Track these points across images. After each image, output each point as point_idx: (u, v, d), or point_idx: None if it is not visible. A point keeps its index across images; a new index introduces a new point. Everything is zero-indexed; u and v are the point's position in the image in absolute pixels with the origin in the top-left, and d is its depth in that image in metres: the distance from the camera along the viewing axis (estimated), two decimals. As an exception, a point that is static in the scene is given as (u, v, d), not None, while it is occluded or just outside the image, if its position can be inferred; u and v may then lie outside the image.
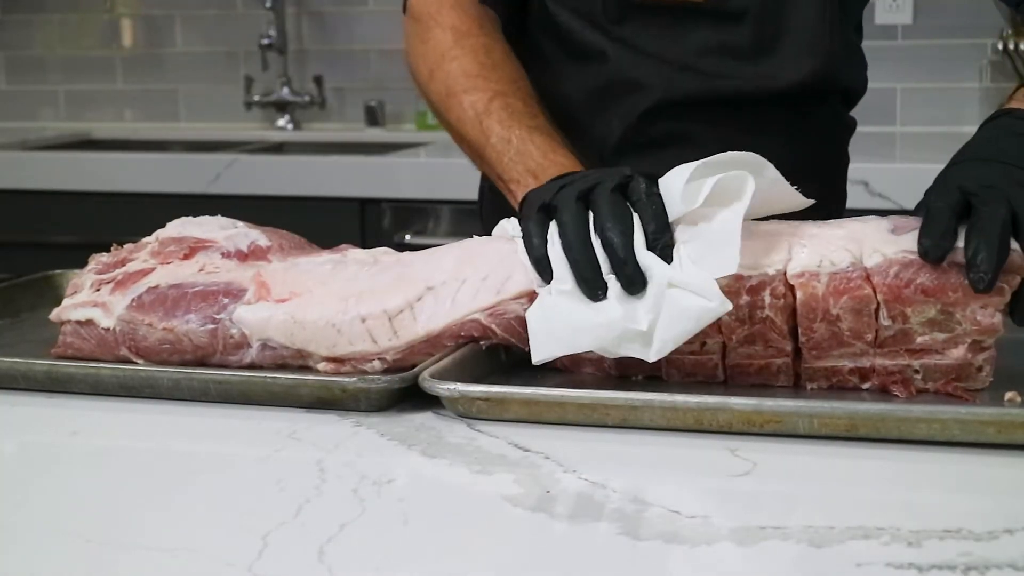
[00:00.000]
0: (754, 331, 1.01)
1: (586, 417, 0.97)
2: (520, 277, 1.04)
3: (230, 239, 1.18)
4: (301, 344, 1.06)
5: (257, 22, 3.29)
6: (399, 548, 0.77)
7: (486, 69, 1.32)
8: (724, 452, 0.92)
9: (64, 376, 1.09)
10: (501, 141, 1.25)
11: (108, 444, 1.00)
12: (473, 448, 0.94)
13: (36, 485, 0.91)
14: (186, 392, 1.06)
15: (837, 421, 0.92)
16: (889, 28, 2.82)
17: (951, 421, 0.91)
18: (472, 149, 1.31)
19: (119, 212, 2.73)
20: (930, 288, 0.97)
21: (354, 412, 1.02)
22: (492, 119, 1.27)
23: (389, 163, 2.67)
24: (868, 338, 0.99)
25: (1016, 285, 0.98)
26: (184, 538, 0.79)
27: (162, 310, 1.10)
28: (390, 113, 3.23)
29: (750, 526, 0.79)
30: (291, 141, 3.25)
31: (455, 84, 1.32)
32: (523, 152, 1.23)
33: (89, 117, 3.48)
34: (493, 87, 1.30)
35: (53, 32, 3.49)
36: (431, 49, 1.37)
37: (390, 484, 0.88)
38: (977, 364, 0.99)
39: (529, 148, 1.23)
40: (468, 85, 1.31)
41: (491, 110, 1.28)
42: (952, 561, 0.73)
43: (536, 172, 1.20)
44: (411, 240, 2.58)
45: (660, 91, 1.36)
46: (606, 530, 0.79)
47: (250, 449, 0.96)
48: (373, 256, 1.15)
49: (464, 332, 1.05)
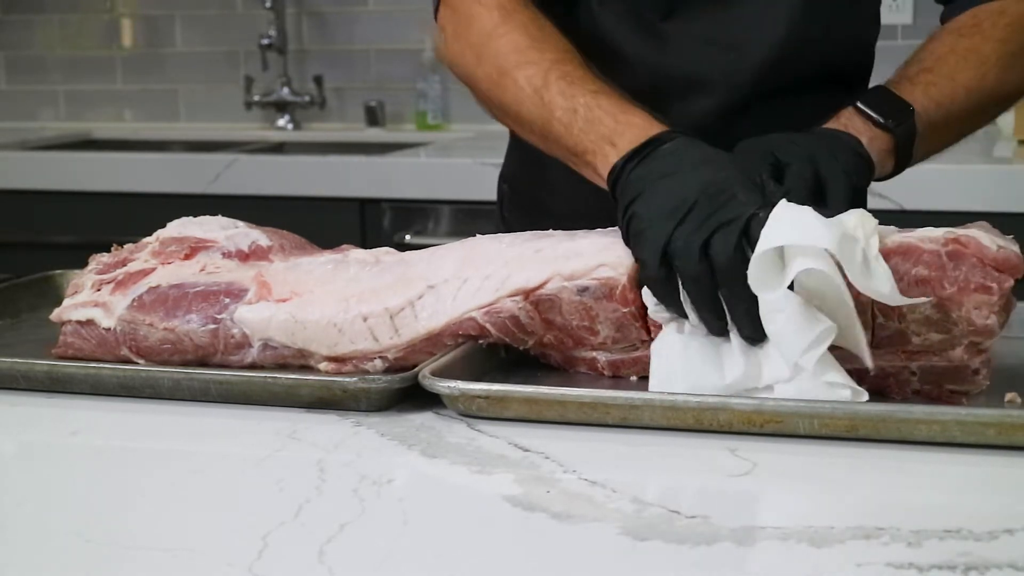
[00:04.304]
0: (754, 331, 1.01)
1: (586, 416, 0.97)
2: (520, 276, 1.04)
3: (231, 239, 1.18)
4: (302, 343, 1.07)
5: (257, 22, 3.29)
6: (399, 548, 0.77)
7: (538, 41, 1.23)
8: (724, 452, 0.92)
9: (64, 376, 1.09)
10: (567, 112, 1.16)
11: (108, 444, 1.00)
12: (473, 448, 0.94)
13: (36, 485, 0.91)
14: (186, 392, 1.06)
15: (837, 421, 0.92)
16: (889, 28, 2.79)
17: (951, 422, 0.91)
18: (534, 128, 1.22)
19: (119, 212, 2.73)
20: (926, 279, 0.97)
21: (354, 412, 1.02)
22: (552, 91, 1.18)
23: (389, 163, 2.66)
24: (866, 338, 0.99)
25: (1008, 286, 0.98)
26: (184, 538, 0.79)
27: (163, 310, 1.10)
28: (390, 113, 3.23)
29: (750, 526, 0.79)
30: (291, 141, 3.24)
31: (506, 61, 1.24)
32: (592, 120, 1.14)
33: (89, 117, 3.48)
34: (549, 57, 1.21)
35: (53, 32, 3.49)
36: (476, 32, 1.28)
37: (390, 484, 0.88)
38: (974, 367, 0.99)
39: (598, 114, 1.14)
40: (521, 60, 1.22)
41: (549, 82, 1.19)
42: (952, 561, 0.73)
43: (611, 138, 1.11)
44: (411, 240, 2.58)
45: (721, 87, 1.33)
46: (606, 530, 0.79)
47: (250, 449, 0.96)
48: (374, 256, 1.15)
49: (463, 331, 1.05)
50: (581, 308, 1.04)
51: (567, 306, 1.04)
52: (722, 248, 0.97)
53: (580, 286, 1.03)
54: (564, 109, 1.16)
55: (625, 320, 1.03)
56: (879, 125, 1.21)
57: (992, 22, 1.31)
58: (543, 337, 1.06)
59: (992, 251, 0.98)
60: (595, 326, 1.04)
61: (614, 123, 1.12)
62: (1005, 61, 1.29)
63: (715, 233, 0.98)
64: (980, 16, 1.32)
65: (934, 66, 1.28)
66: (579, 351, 1.06)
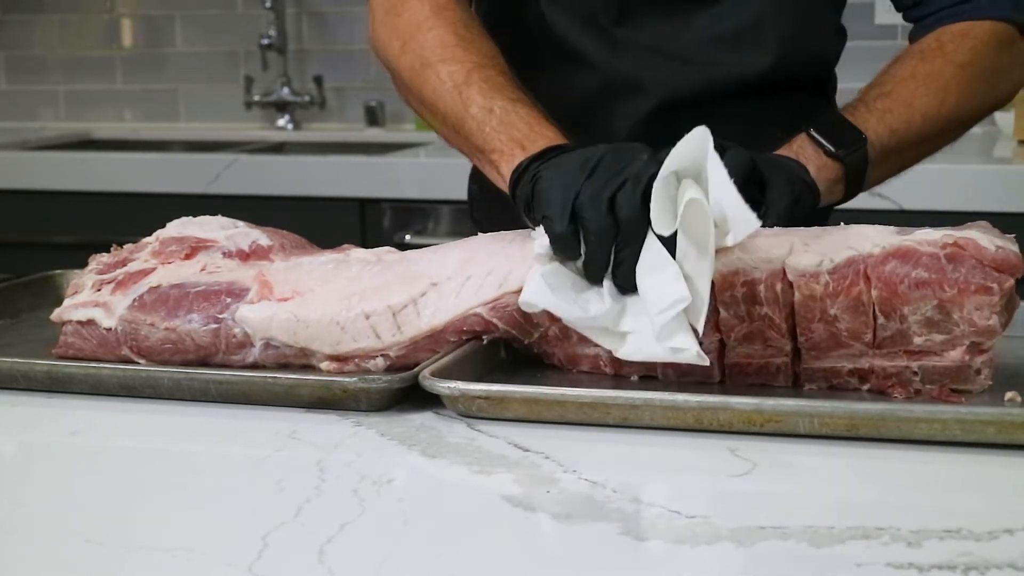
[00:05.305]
0: (753, 329, 1.01)
1: (586, 416, 0.97)
2: (523, 271, 1.04)
3: (231, 239, 1.19)
4: (304, 342, 1.07)
5: (257, 22, 3.29)
6: (399, 548, 0.77)
7: (465, 41, 1.26)
8: (724, 452, 0.92)
9: (64, 376, 1.09)
10: (483, 111, 1.18)
11: (108, 444, 1.00)
12: (473, 448, 0.94)
13: (36, 485, 0.91)
14: (186, 392, 1.06)
15: (837, 421, 0.92)
16: (889, 28, 2.82)
17: (952, 421, 0.91)
18: (448, 121, 1.24)
19: (119, 212, 2.73)
20: (926, 281, 0.97)
21: (354, 412, 1.02)
22: (473, 89, 1.20)
23: (389, 163, 2.66)
24: (866, 339, 0.99)
25: (1008, 285, 0.98)
26: (184, 538, 0.79)
27: (164, 310, 1.10)
28: (390, 113, 3.23)
29: (750, 526, 0.79)
30: (291, 141, 3.25)
31: (431, 54, 1.25)
32: (507, 122, 1.16)
33: (89, 117, 3.48)
34: (473, 59, 1.24)
35: (53, 32, 3.49)
36: (405, 21, 1.30)
37: (390, 484, 0.88)
38: (976, 367, 0.99)
39: (513, 119, 1.16)
40: (446, 55, 1.24)
41: (471, 81, 1.21)
42: (952, 561, 0.73)
43: (522, 143, 1.13)
44: (411, 240, 2.58)
45: (665, 88, 1.35)
46: (606, 530, 0.79)
47: (250, 449, 0.96)
48: (376, 255, 1.15)
49: (467, 327, 1.05)
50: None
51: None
52: (626, 202, 0.98)
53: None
54: (481, 107, 1.18)
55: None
56: (829, 154, 1.22)
57: (955, 45, 1.31)
58: (548, 329, 1.06)
59: (991, 252, 0.98)
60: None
61: (528, 130, 1.15)
62: (965, 86, 1.30)
63: (621, 188, 0.99)
64: (944, 39, 1.32)
65: (893, 90, 1.28)
66: (582, 347, 1.07)
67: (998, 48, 1.33)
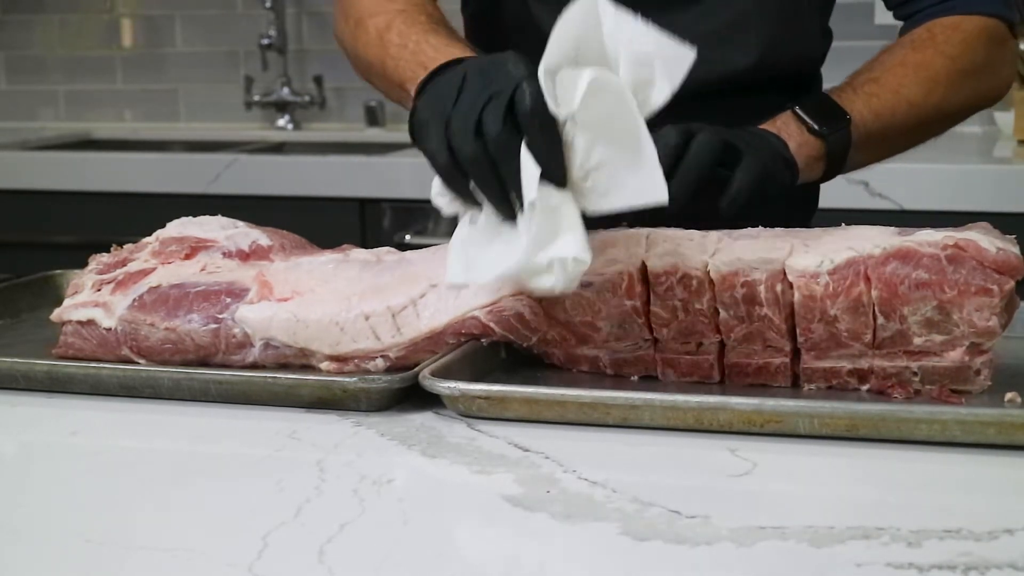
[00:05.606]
0: (753, 329, 1.01)
1: (586, 416, 0.97)
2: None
3: (231, 239, 1.19)
4: (304, 343, 1.06)
5: (257, 22, 3.29)
6: (399, 548, 0.77)
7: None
8: (724, 452, 0.92)
9: (64, 376, 1.09)
10: (399, 49, 1.20)
11: (108, 444, 1.00)
12: (473, 448, 0.94)
13: (36, 485, 0.91)
14: (186, 392, 1.06)
15: (837, 421, 0.92)
16: (889, 28, 2.81)
17: (952, 422, 0.91)
18: (374, 69, 1.25)
19: (119, 212, 2.73)
20: (926, 282, 0.97)
21: (354, 412, 1.02)
22: (392, 33, 1.22)
23: (389, 163, 2.66)
24: (866, 339, 0.99)
25: (1008, 287, 0.98)
26: (184, 538, 0.79)
27: (164, 310, 1.10)
28: (390, 113, 3.23)
29: (750, 526, 0.79)
30: (291, 141, 3.24)
31: (362, 11, 1.28)
32: (417, 52, 1.17)
33: (89, 117, 3.48)
34: (397, 7, 1.26)
35: (53, 32, 3.49)
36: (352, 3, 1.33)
37: (390, 484, 0.88)
38: (975, 367, 0.99)
39: (424, 47, 1.17)
40: (375, 10, 1.27)
41: (392, 26, 1.23)
42: (952, 561, 0.73)
43: (427, 64, 1.13)
44: (411, 240, 2.58)
45: None
46: (606, 530, 0.79)
47: (250, 449, 0.96)
48: (376, 255, 1.15)
49: (465, 329, 1.05)
50: (584, 303, 1.04)
51: (570, 302, 1.04)
52: (491, 122, 0.95)
53: (583, 281, 1.03)
54: (397, 46, 1.20)
55: (628, 316, 1.04)
56: (812, 131, 1.22)
57: (946, 37, 1.31)
58: (547, 334, 1.06)
59: (991, 253, 0.98)
60: (598, 322, 1.04)
61: (434, 53, 1.14)
62: (954, 79, 1.30)
63: (485, 107, 0.96)
64: (935, 30, 1.33)
65: (881, 76, 1.28)
66: (582, 349, 1.07)
67: (988, 43, 1.34)
